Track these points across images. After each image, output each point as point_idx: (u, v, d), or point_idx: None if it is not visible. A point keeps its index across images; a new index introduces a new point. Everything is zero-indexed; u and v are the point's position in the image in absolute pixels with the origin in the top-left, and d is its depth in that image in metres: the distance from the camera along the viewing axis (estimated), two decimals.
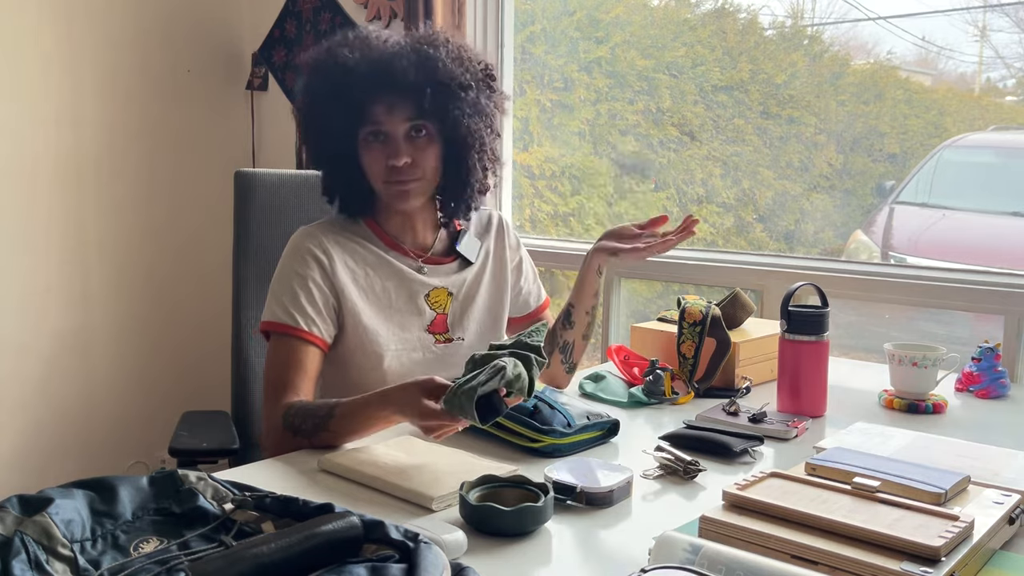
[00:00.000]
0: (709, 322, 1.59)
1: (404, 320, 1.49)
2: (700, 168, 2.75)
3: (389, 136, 1.44)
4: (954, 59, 2.63)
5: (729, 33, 2.73)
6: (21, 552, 0.73)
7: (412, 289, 1.50)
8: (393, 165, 1.42)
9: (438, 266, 1.55)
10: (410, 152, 1.43)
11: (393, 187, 1.45)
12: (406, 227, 1.54)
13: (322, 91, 1.46)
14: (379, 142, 1.44)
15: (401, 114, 1.43)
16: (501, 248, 1.64)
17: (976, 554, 0.86)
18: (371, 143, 1.45)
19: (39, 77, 2.65)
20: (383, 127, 1.43)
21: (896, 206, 2.72)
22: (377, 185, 1.47)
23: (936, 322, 2.18)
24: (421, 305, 1.51)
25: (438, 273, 1.54)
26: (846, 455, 1.09)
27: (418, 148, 1.44)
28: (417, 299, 1.51)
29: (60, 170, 2.71)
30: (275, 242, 1.77)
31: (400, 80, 1.41)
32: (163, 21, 2.92)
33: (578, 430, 1.28)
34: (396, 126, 1.43)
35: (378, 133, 1.44)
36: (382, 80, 1.42)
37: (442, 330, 1.52)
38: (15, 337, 2.67)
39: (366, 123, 1.45)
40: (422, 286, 1.51)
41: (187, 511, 0.83)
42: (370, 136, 1.45)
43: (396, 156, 1.42)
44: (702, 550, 0.81)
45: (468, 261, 1.57)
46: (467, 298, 1.55)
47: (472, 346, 1.53)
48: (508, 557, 0.94)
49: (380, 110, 1.43)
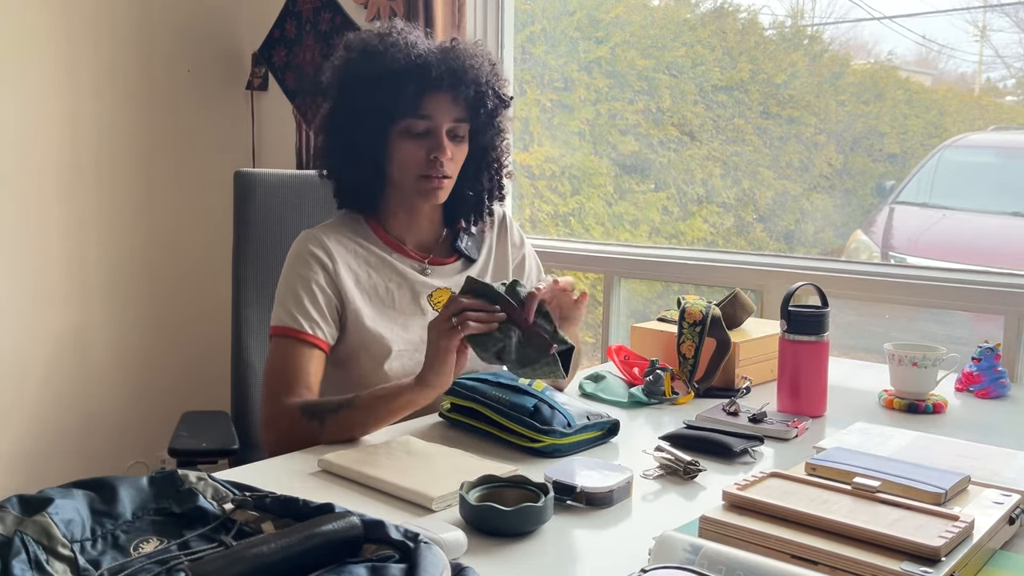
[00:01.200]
0: (709, 322, 1.59)
1: (407, 321, 1.49)
2: (700, 168, 2.74)
3: (432, 131, 1.44)
4: (954, 59, 2.63)
5: (729, 33, 2.73)
6: (21, 552, 0.73)
7: (415, 290, 1.51)
8: (436, 157, 1.43)
9: (441, 266, 1.55)
10: (451, 148, 1.45)
11: (428, 182, 1.45)
12: (410, 228, 1.54)
13: (376, 71, 1.44)
14: (420, 136, 1.44)
15: (452, 111, 1.45)
16: (504, 246, 1.64)
17: (976, 554, 0.86)
18: (410, 136, 1.45)
19: (39, 77, 2.65)
20: (430, 122, 1.44)
21: (896, 206, 2.72)
22: (408, 178, 1.47)
23: (936, 322, 2.18)
24: (424, 305, 1.51)
25: (441, 273, 1.54)
26: (846, 455, 1.09)
27: (456, 147, 1.47)
28: (420, 300, 1.51)
29: (60, 170, 2.72)
30: (275, 242, 1.77)
31: (460, 77, 1.43)
32: (163, 21, 2.92)
33: (578, 430, 1.28)
34: (443, 122, 1.44)
35: (421, 128, 1.44)
36: (444, 72, 1.43)
37: None
38: (15, 337, 2.67)
39: (412, 114, 1.44)
40: (425, 287, 1.51)
41: (187, 511, 0.83)
42: (411, 128, 1.44)
43: (441, 150, 1.43)
44: (702, 550, 0.81)
45: (471, 260, 1.58)
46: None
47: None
48: (508, 557, 0.94)
49: (431, 102, 1.43)
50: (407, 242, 1.54)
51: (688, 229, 2.80)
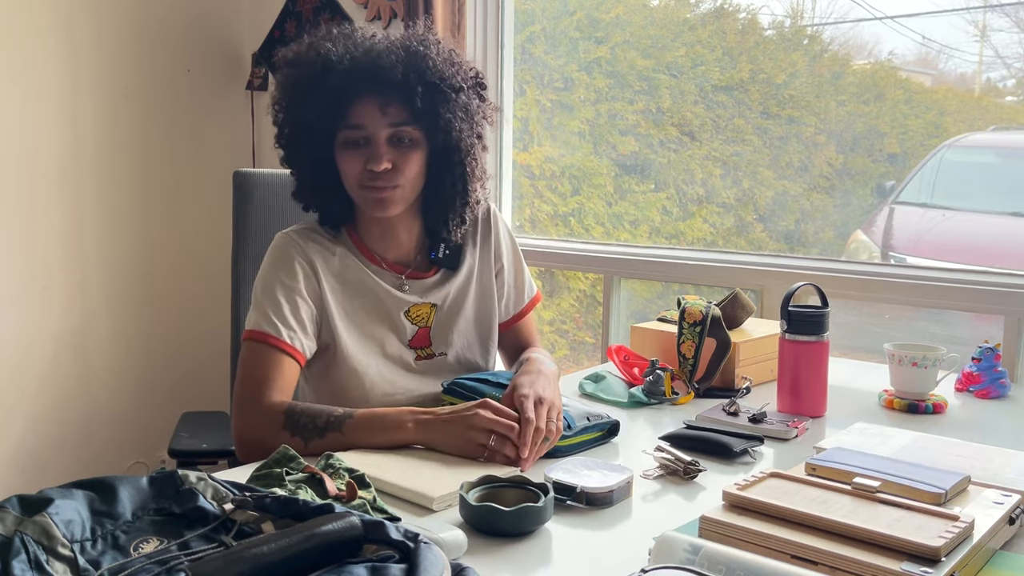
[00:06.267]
0: (709, 322, 1.59)
1: (384, 337, 1.43)
2: (700, 168, 2.75)
3: (370, 140, 1.34)
4: (954, 59, 2.63)
5: (729, 33, 2.73)
6: (21, 552, 0.73)
7: (390, 306, 1.44)
8: (371, 170, 1.33)
9: (420, 280, 1.47)
10: (392, 157, 1.34)
11: (370, 193, 1.36)
12: (385, 240, 1.46)
13: (300, 86, 1.36)
14: (358, 147, 1.35)
15: (385, 117, 1.33)
16: (487, 253, 1.55)
17: (976, 554, 0.86)
18: (349, 147, 1.36)
19: (39, 77, 2.65)
20: (364, 131, 1.34)
21: (896, 206, 2.72)
22: (352, 191, 1.39)
23: (936, 322, 2.18)
24: (401, 321, 1.44)
25: (420, 288, 1.47)
26: (846, 455, 1.09)
27: (400, 154, 1.35)
28: (396, 316, 1.44)
29: (59, 170, 2.72)
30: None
31: (387, 78, 1.32)
32: (163, 21, 2.92)
33: (578, 431, 1.28)
34: (378, 130, 1.34)
35: (357, 137, 1.35)
36: (367, 77, 1.32)
37: (424, 344, 1.46)
38: (15, 337, 2.67)
39: (345, 125, 1.35)
40: (402, 303, 1.44)
41: (187, 511, 0.83)
42: (348, 139, 1.36)
43: (376, 160, 1.33)
44: (702, 550, 0.81)
45: (452, 271, 1.49)
46: (452, 310, 1.48)
47: (456, 360, 1.48)
48: (508, 557, 0.94)
49: (361, 111, 1.33)
50: (384, 255, 1.46)
51: (688, 229, 2.80)
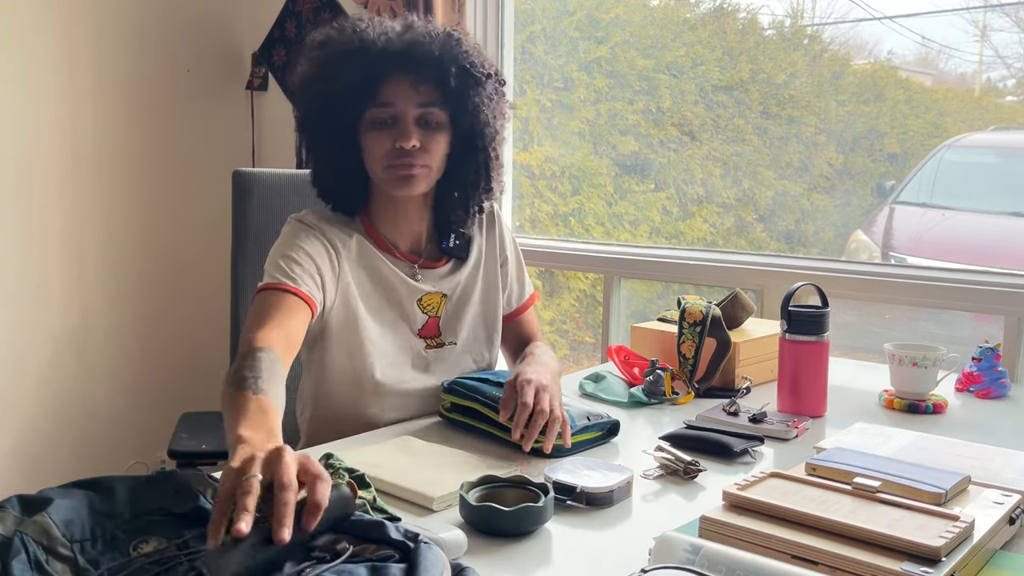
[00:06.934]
0: (709, 322, 1.59)
1: (395, 324, 1.44)
2: (700, 168, 2.75)
3: (398, 118, 1.34)
4: (954, 59, 2.63)
5: (729, 33, 2.73)
6: (21, 552, 0.73)
7: (403, 295, 1.45)
8: (401, 147, 1.33)
9: (432, 270, 1.49)
10: (419, 137, 1.35)
11: (396, 171, 1.35)
12: (398, 228, 1.47)
13: (332, 63, 1.36)
14: (385, 126, 1.35)
15: (417, 96, 1.34)
16: (492, 245, 1.56)
17: (976, 554, 0.86)
18: (376, 127, 1.36)
19: (39, 77, 2.65)
20: (393, 108, 1.34)
21: (896, 206, 2.72)
22: (376, 172, 1.38)
23: (936, 322, 2.18)
24: (412, 310, 1.45)
25: (432, 277, 1.48)
26: (846, 455, 1.09)
27: (427, 135, 1.36)
28: (409, 304, 1.45)
29: (59, 170, 2.72)
30: (274, 242, 1.77)
31: (424, 56, 1.34)
32: (162, 21, 2.92)
33: (578, 431, 1.28)
34: (408, 108, 1.34)
35: (385, 116, 1.35)
36: (402, 55, 1.34)
37: (433, 334, 1.47)
38: (14, 337, 2.67)
39: (373, 103, 1.35)
40: (415, 291, 1.45)
41: (187, 511, 0.83)
42: (375, 119, 1.36)
43: (405, 137, 1.33)
44: (702, 550, 0.81)
45: (461, 261, 1.51)
46: (461, 300, 1.50)
47: (464, 350, 1.50)
48: (508, 557, 0.94)
49: (392, 89, 1.34)
50: (397, 244, 1.47)
51: (688, 229, 2.80)
